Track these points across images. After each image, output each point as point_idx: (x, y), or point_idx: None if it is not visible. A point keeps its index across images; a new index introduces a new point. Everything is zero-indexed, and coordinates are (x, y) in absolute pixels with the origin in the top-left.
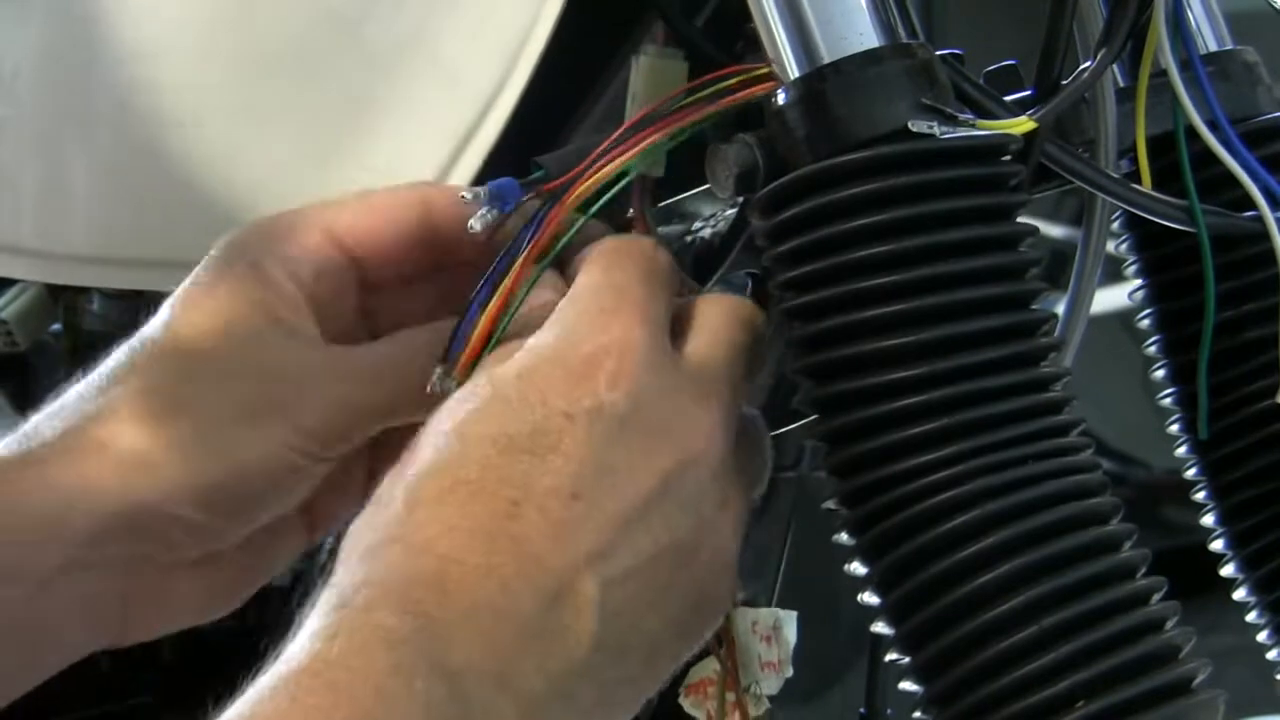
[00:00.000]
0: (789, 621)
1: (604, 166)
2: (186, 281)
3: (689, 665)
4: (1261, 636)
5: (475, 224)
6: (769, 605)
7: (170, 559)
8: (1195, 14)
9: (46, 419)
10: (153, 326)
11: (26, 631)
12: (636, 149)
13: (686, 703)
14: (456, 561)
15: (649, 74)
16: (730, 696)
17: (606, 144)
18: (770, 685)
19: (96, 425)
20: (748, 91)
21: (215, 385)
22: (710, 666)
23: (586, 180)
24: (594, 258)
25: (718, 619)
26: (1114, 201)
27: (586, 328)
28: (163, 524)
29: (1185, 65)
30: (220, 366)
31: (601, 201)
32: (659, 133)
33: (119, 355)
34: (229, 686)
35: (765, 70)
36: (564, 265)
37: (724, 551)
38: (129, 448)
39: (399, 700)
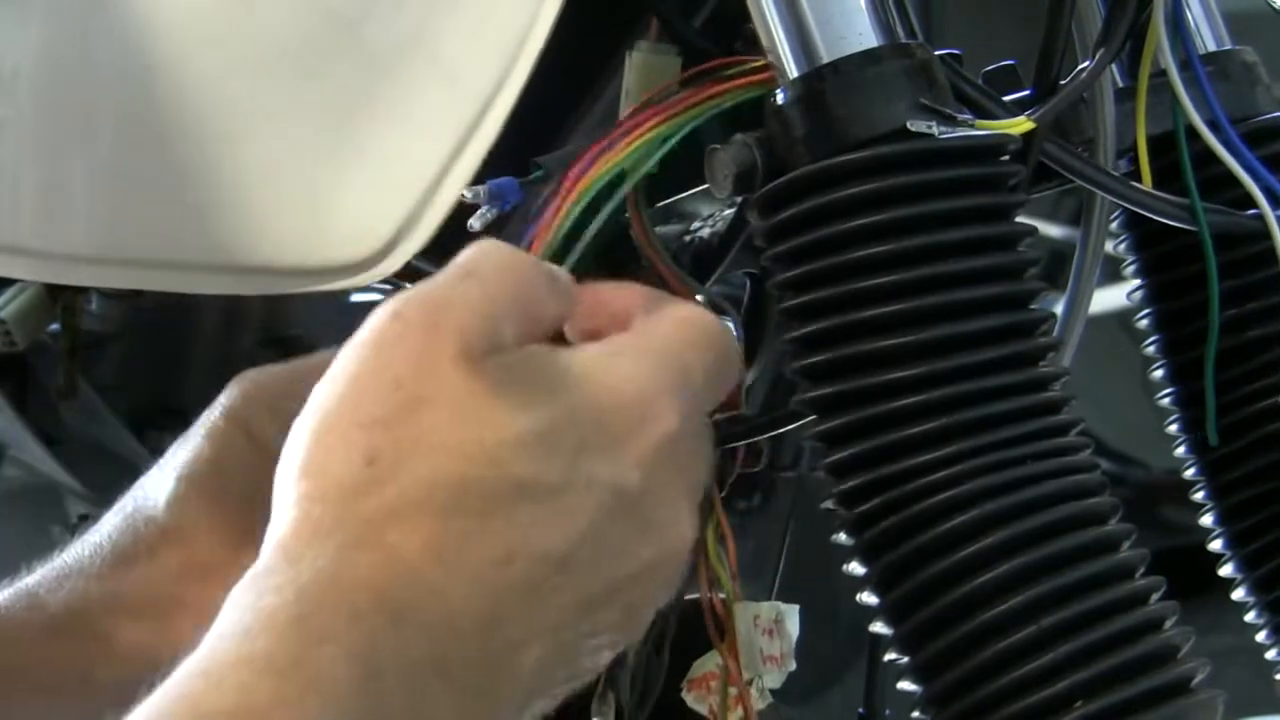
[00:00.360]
0: (791, 615)
1: (608, 156)
2: (189, 448)
3: (691, 660)
4: (1260, 636)
5: (475, 223)
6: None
7: None
8: (1194, 14)
9: (54, 583)
10: (155, 501)
11: None
12: (639, 137)
13: (689, 697)
14: (430, 592)
15: (642, 69)
16: (733, 691)
17: (607, 140)
18: (772, 679)
19: (97, 616)
20: (744, 81)
21: (219, 580)
22: (713, 661)
23: (593, 171)
24: (681, 319)
25: (668, 590)
26: (1115, 200)
27: (645, 388)
28: None
29: (1184, 65)
30: (223, 557)
31: (608, 210)
32: (659, 118)
33: (120, 533)
34: None
35: (761, 62)
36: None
37: (651, 608)
38: (131, 642)
39: None
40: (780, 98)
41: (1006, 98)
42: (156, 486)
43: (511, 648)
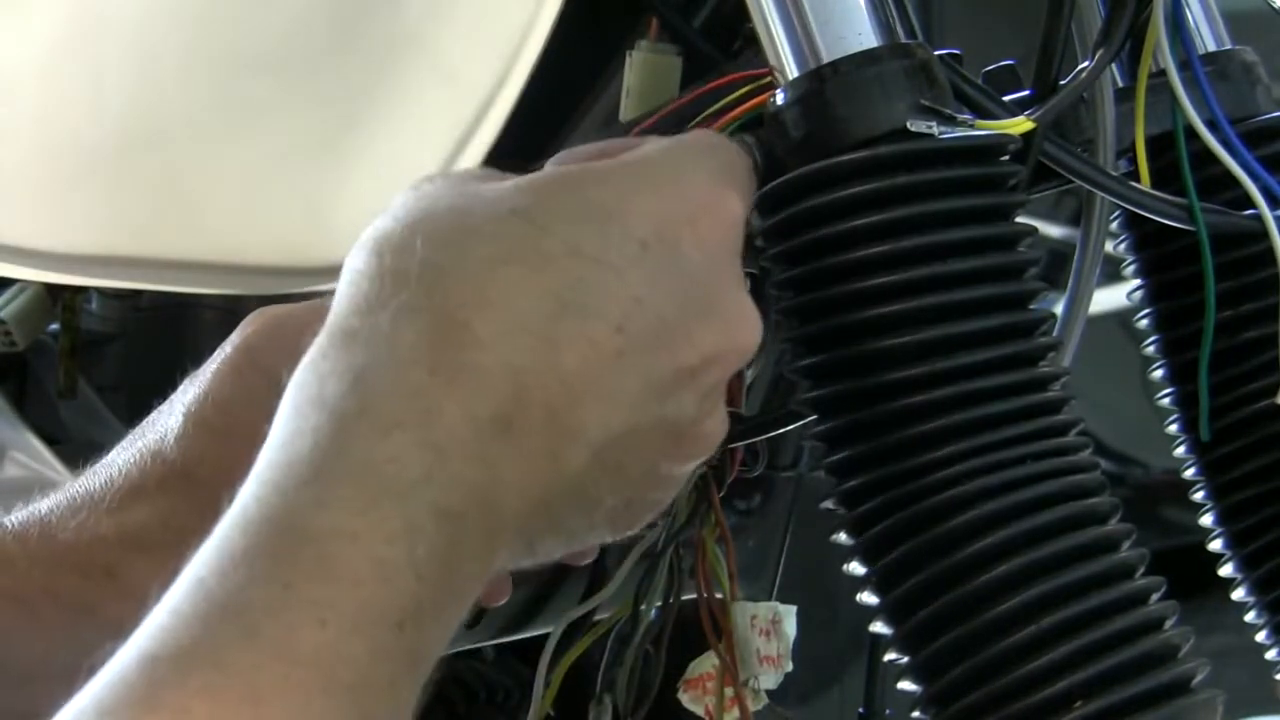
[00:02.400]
0: (788, 616)
1: None
2: (198, 385)
3: (687, 660)
4: (1260, 636)
5: None
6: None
7: None
8: (1194, 14)
9: (64, 514)
10: (163, 437)
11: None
12: None
13: (685, 698)
14: (486, 344)
15: (643, 69)
16: (729, 691)
17: None
18: (769, 680)
19: (105, 549)
20: (757, 100)
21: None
22: (709, 662)
23: None
24: (709, 134)
25: (653, 515)
26: (1114, 200)
27: (698, 171)
28: None
29: (1184, 65)
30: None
31: None
32: None
33: (131, 466)
34: None
35: (767, 78)
36: None
37: (703, 451)
38: (134, 582)
39: (398, 572)
40: (780, 98)
41: (1006, 98)
42: (165, 422)
43: (573, 403)
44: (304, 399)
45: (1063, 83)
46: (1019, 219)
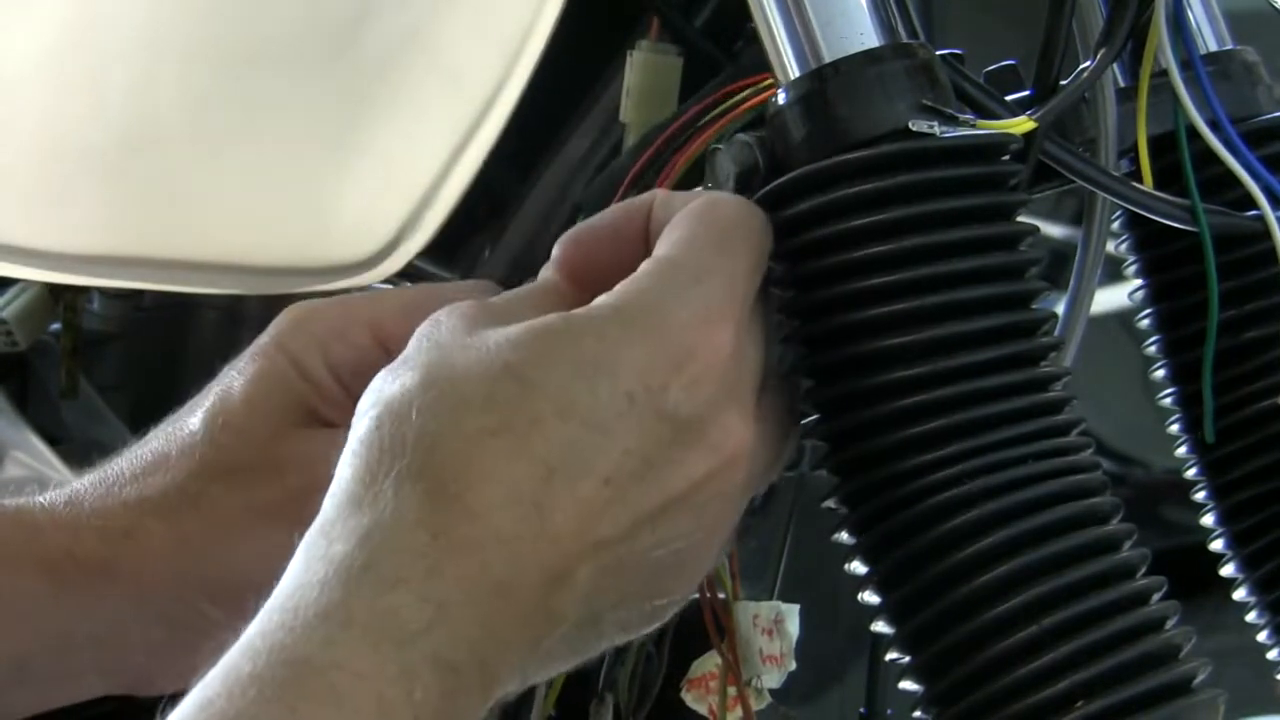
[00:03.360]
0: (791, 615)
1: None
2: (233, 368)
3: (690, 660)
4: (1261, 636)
5: None
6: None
7: (184, 639)
8: (1195, 14)
9: (90, 486)
10: (192, 415)
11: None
12: (673, 174)
13: (689, 697)
14: (480, 517)
15: (643, 69)
16: (732, 690)
17: (635, 170)
18: (772, 679)
19: (124, 513)
20: (758, 99)
21: (243, 485)
22: (712, 661)
23: None
24: (705, 220)
25: (674, 610)
26: (1115, 200)
27: (683, 311)
28: (175, 612)
29: (1186, 65)
30: (251, 465)
31: None
32: (687, 157)
33: (159, 442)
34: None
35: (770, 82)
36: None
37: (709, 558)
38: (150, 544)
39: (396, 710)
40: (781, 97)
41: (1008, 98)
42: (198, 402)
43: (565, 558)
44: (313, 557)
45: (1064, 83)
46: (1020, 218)
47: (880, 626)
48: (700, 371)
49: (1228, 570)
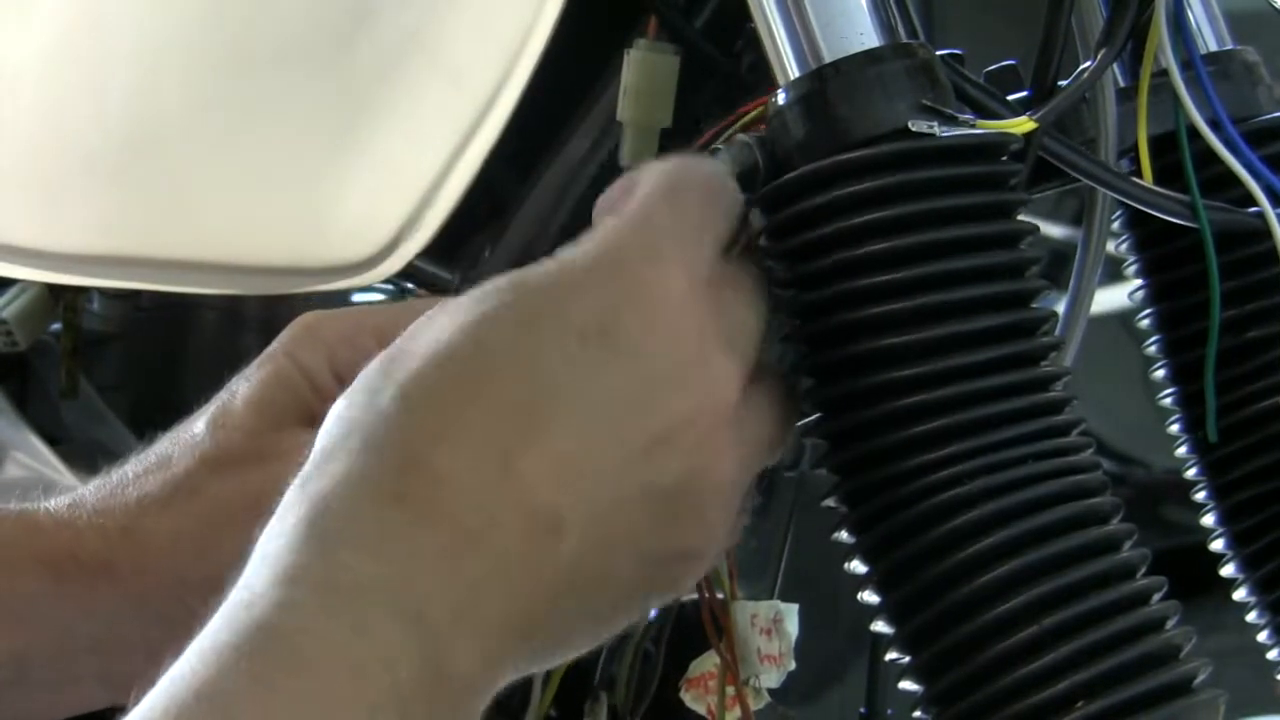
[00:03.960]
0: (790, 614)
1: None
2: (242, 375)
3: (689, 660)
4: (1261, 636)
5: None
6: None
7: (184, 640)
8: (1196, 13)
9: (94, 490)
10: (199, 419)
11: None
12: None
13: (687, 697)
14: (448, 481)
15: (640, 67)
16: (731, 690)
17: None
18: (771, 679)
19: (124, 512)
20: (759, 101)
21: (240, 473)
22: (711, 661)
23: None
24: (657, 181)
25: (698, 573)
26: (1116, 196)
27: (627, 251)
28: (175, 612)
29: (1186, 65)
30: (248, 455)
31: None
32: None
33: (164, 445)
34: None
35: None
36: None
37: (712, 505)
38: (149, 540)
39: (371, 678)
40: (781, 97)
41: (1008, 97)
42: (206, 409)
43: (543, 507)
44: (273, 531)
45: (1064, 82)
46: (1021, 217)
47: (880, 626)
48: (654, 310)
49: (1228, 570)
